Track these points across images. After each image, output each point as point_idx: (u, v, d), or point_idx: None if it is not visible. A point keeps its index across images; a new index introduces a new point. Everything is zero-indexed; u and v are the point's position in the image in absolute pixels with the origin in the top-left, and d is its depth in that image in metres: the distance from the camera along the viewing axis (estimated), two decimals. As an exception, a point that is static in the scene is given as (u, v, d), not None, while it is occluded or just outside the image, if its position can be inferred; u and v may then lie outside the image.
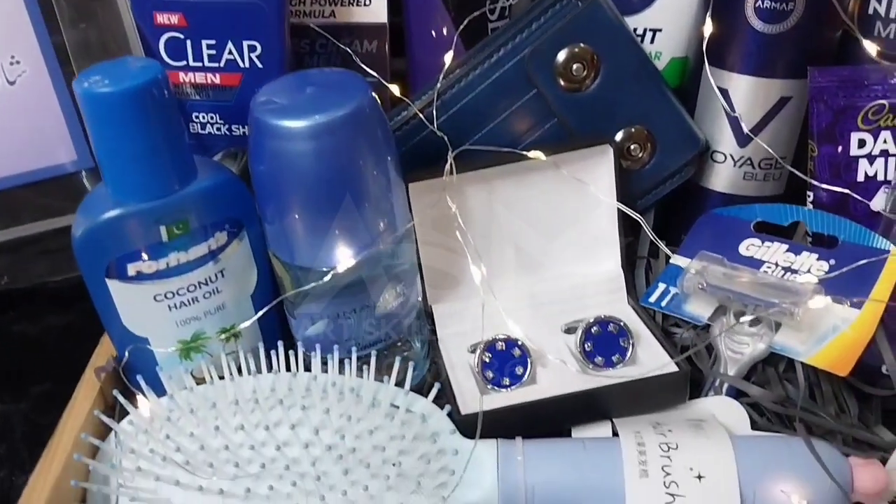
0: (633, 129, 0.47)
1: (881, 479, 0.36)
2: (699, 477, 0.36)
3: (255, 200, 0.40)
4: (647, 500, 0.36)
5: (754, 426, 0.42)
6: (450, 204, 0.41)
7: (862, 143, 0.46)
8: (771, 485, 0.36)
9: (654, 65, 0.47)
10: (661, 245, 0.43)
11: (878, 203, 0.45)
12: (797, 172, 0.46)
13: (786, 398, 0.42)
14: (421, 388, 0.44)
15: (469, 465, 0.38)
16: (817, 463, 0.36)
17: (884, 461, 0.39)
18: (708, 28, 0.45)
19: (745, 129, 0.47)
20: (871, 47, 0.45)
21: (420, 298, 0.46)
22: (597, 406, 0.41)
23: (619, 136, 0.47)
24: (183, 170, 0.39)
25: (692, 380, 0.44)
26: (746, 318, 0.42)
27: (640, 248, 0.50)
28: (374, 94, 0.38)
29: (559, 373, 0.43)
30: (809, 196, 0.47)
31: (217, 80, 0.45)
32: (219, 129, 0.46)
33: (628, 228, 0.49)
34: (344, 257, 0.39)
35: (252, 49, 0.44)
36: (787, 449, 0.37)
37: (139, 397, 0.39)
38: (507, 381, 0.43)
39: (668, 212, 0.51)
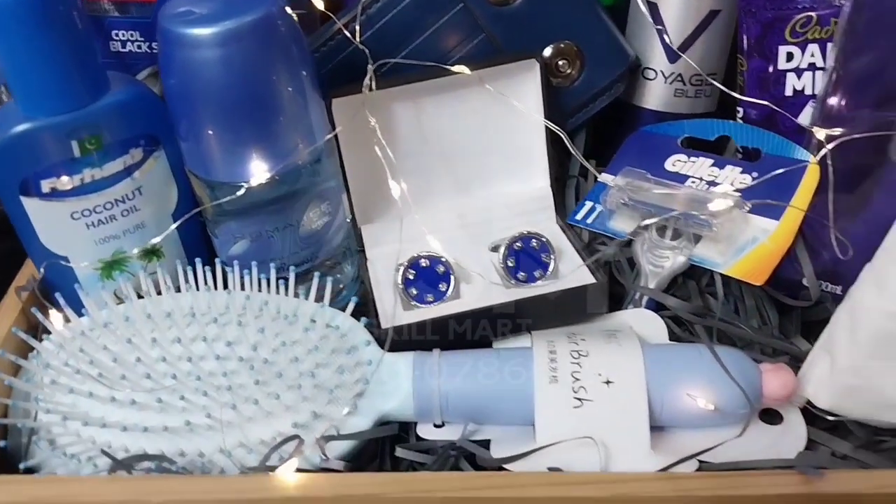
0: (562, 45, 0.47)
1: (789, 385, 0.38)
2: (607, 382, 0.37)
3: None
4: (556, 405, 0.37)
5: (675, 338, 0.43)
6: (369, 118, 0.41)
7: (790, 57, 0.46)
8: (679, 389, 0.37)
9: (584, -18, 0.47)
10: (585, 162, 0.43)
11: (805, 118, 0.45)
12: (721, 87, 0.46)
13: (705, 310, 0.43)
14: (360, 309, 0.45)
15: (386, 375, 0.39)
16: (731, 367, 0.37)
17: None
18: None
19: (674, 45, 0.47)
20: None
21: (348, 218, 0.46)
22: (517, 318, 0.42)
23: (547, 52, 0.47)
24: (94, 83, 0.39)
25: (616, 293, 0.45)
26: (658, 230, 0.43)
27: (572, 166, 0.50)
28: (284, 4, 0.38)
29: (483, 288, 0.43)
30: (739, 112, 0.47)
31: (134, -5, 0.44)
32: (139, 47, 0.46)
33: (560, 148, 0.50)
34: (259, 171, 0.39)
35: (169, -40, 0.43)
36: (697, 356, 0.38)
37: (52, 313, 0.39)
38: (430, 297, 0.43)
39: (601, 131, 0.52)
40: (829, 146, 0.39)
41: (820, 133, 0.39)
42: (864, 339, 0.37)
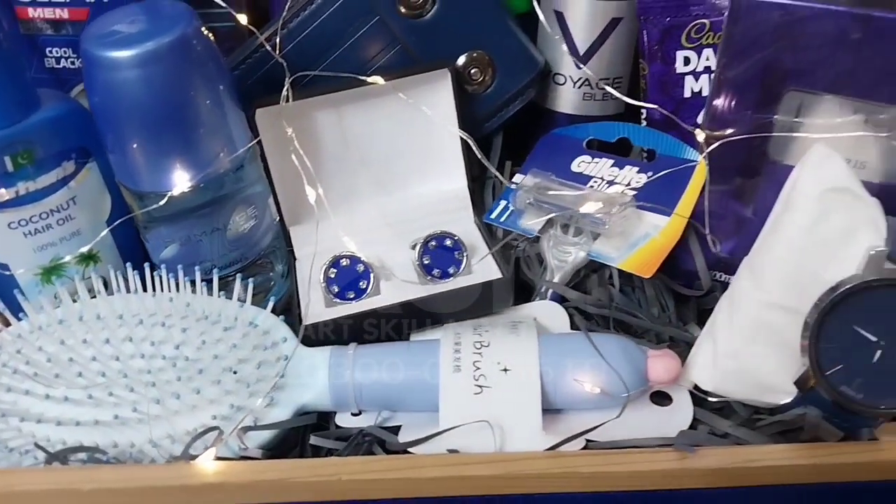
0: (474, 54, 0.50)
1: (672, 369, 0.41)
2: (505, 370, 0.40)
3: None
4: (458, 392, 0.40)
5: (577, 327, 0.46)
6: (286, 128, 0.44)
7: (687, 61, 0.49)
8: (571, 375, 0.41)
9: (494, -8, 0.50)
10: (489, 164, 0.46)
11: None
12: (614, 92, 0.49)
13: (605, 301, 0.46)
14: (284, 307, 0.48)
15: (305, 369, 0.42)
16: (615, 353, 0.41)
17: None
18: None
19: (580, 51, 0.50)
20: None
21: (276, 220, 0.49)
22: (430, 313, 0.45)
23: (461, 61, 0.50)
24: (25, 101, 0.42)
25: (526, 286, 0.48)
26: (562, 228, 0.46)
27: (493, 165, 0.53)
28: (199, 22, 0.41)
29: (400, 285, 0.46)
30: (643, 113, 0.51)
31: (65, 15, 0.47)
32: (73, 63, 0.48)
33: (484, 148, 0.53)
34: (182, 181, 0.42)
35: (96, -17, 0.46)
36: (587, 344, 0.41)
37: (-6, 318, 0.42)
38: (351, 294, 0.46)
39: (518, 133, 0.54)
40: (710, 148, 0.42)
41: (700, 135, 0.42)
42: (742, 327, 0.41)
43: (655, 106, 0.45)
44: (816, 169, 0.39)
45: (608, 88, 0.48)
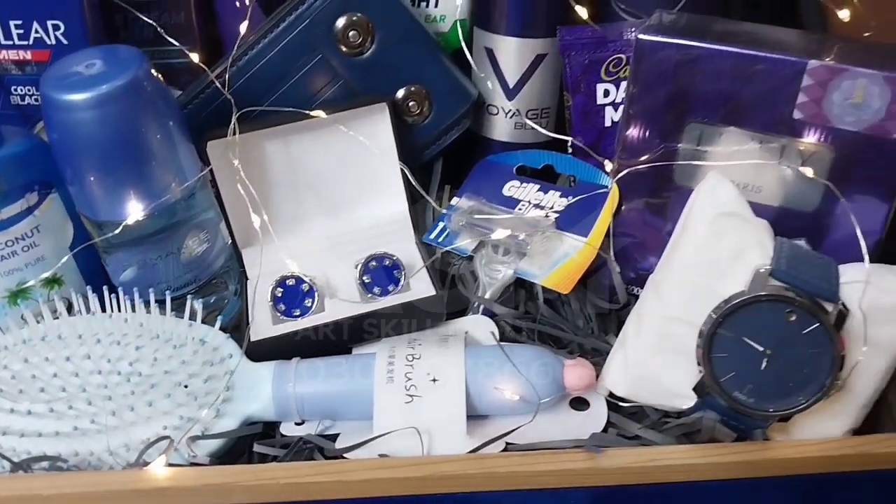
0: (412, 88, 0.54)
1: (586, 377, 0.45)
2: (434, 380, 0.44)
3: (58, 164, 0.47)
4: (390, 401, 0.44)
5: (509, 339, 0.50)
6: (232, 160, 0.48)
7: (606, 93, 0.53)
8: (491, 384, 0.44)
9: (424, 29, 0.53)
10: (423, 192, 0.50)
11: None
12: (537, 127, 0.54)
13: (531, 314, 0.50)
14: (236, 324, 0.52)
15: (251, 382, 0.45)
16: (532, 363, 0.44)
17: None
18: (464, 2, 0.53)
19: (509, 85, 0.54)
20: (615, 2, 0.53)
21: (228, 243, 0.53)
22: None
23: (399, 94, 0.54)
24: None
25: (460, 301, 0.52)
26: (493, 247, 0.50)
27: (430, 191, 0.57)
28: (149, 65, 0.44)
29: (343, 303, 0.50)
30: (570, 140, 0.54)
31: (29, 56, 0.51)
32: (36, 100, 0.52)
33: (426, 174, 0.57)
34: (135, 210, 0.45)
35: (56, 28, 0.50)
36: (511, 355, 0.45)
37: (-39, 338, 0.45)
38: (297, 311, 0.50)
39: (458, 158, 0.58)
40: (618, 176, 0.46)
41: (608, 166, 0.46)
42: (647, 338, 0.45)
43: (569, 138, 0.49)
44: (710, 195, 0.43)
45: (529, 122, 0.52)
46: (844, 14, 0.48)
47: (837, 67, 0.41)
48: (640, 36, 0.44)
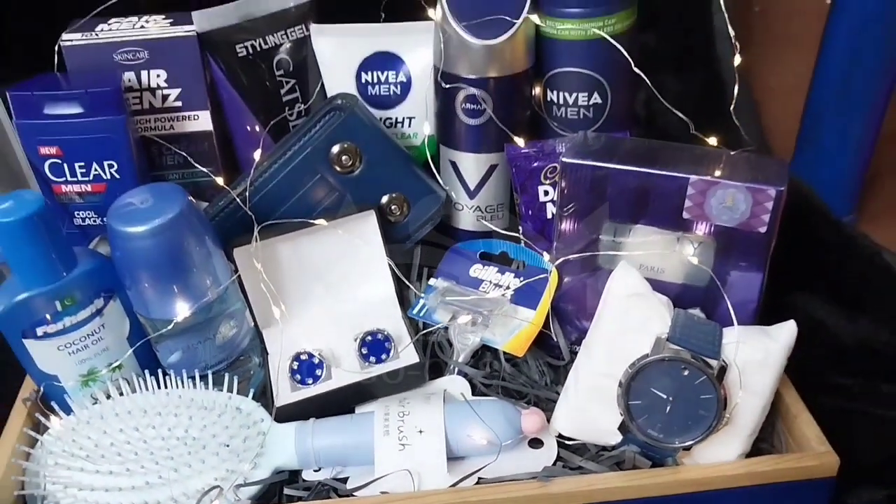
0: (393, 195, 0.66)
1: (538, 423, 0.56)
2: (420, 431, 0.56)
3: (119, 275, 0.58)
4: (387, 450, 0.55)
5: (480, 393, 0.62)
6: (255, 263, 0.60)
7: (546, 193, 0.65)
8: (465, 432, 0.56)
9: (402, 150, 0.66)
10: (404, 278, 0.62)
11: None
12: (490, 226, 0.67)
13: (496, 373, 0.62)
14: (261, 391, 0.63)
15: (278, 439, 0.57)
16: (496, 414, 0.56)
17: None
18: (430, 124, 0.66)
19: (470, 188, 0.67)
20: (551, 122, 0.66)
21: (252, 326, 0.64)
22: (369, 391, 0.60)
23: (384, 200, 0.66)
24: (67, 262, 0.56)
25: (439, 365, 0.64)
26: (463, 320, 0.62)
27: (412, 275, 0.69)
28: (190, 197, 0.56)
29: (347, 372, 0.62)
30: (520, 230, 0.67)
31: (89, 189, 0.63)
32: (94, 222, 0.64)
33: (408, 258, 0.69)
34: (181, 310, 0.57)
35: (111, 166, 0.62)
36: (478, 407, 0.57)
37: (53, 417, 0.57)
38: (310, 380, 0.61)
39: (434, 244, 0.70)
40: (555, 263, 0.59)
41: (546, 256, 0.58)
42: (582, 389, 0.57)
43: (518, 234, 0.62)
44: (621, 280, 0.55)
45: (483, 222, 0.65)
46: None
47: (712, 181, 0.54)
48: (563, 158, 0.57)
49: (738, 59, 0.63)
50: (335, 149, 0.64)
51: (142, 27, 0.65)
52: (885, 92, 0.88)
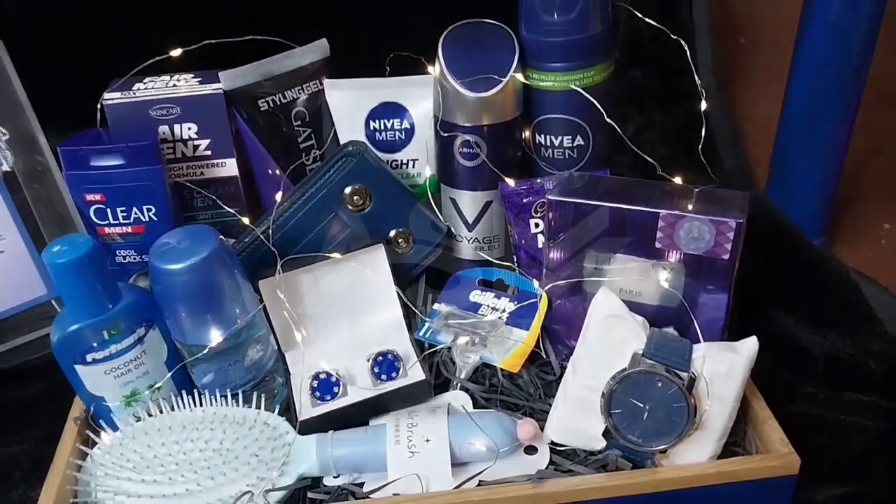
0: (399, 229, 0.72)
1: (531, 431, 0.61)
2: (427, 440, 0.61)
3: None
4: (398, 457, 0.61)
5: (478, 406, 0.68)
6: (280, 295, 0.66)
7: (537, 225, 0.71)
8: (467, 441, 0.62)
9: (408, 190, 0.72)
10: (411, 305, 0.69)
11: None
12: (486, 256, 0.73)
13: (495, 387, 0.68)
14: (285, 407, 0.70)
15: (301, 449, 0.63)
16: (494, 424, 0.62)
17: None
18: (432, 166, 0.73)
19: (469, 221, 0.74)
20: (540, 162, 0.72)
21: (276, 349, 0.71)
22: (381, 406, 0.66)
23: (391, 234, 0.72)
24: (112, 296, 0.62)
25: (444, 381, 0.70)
26: (464, 341, 0.68)
27: (417, 300, 0.75)
28: (221, 237, 0.63)
29: (361, 389, 0.68)
30: (514, 258, 0.73)
31: (129, 231, 0.69)
32: (135, 259, 0.70)
33: (414, 285, 0.75)
34: (215, 336, 0.63)
35: (149, 209, 0.68)
36: (479, 418, 0.63)
37: (101, 433, 0.63)
38: (329, 397, 0.67)
39: (437, 272, 0.77)
40: (545, 288, 0.65)
41: (536, 283, 0.65)
42: (570, 401, 0.62)
43: (511, 263, 0.68)
44: (601, 303, 0.62)
45: (481, 252, 0.72)
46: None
47: (680, 215, 0.60)
48: (549, 196, 0.63)
49: (703, 105, 0.69)
50: (348, 190, 0.70)
51: (174, 85, 0.72)
52: (847, 127, 0.95)
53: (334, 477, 0.63)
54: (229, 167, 0.74)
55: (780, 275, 0.86)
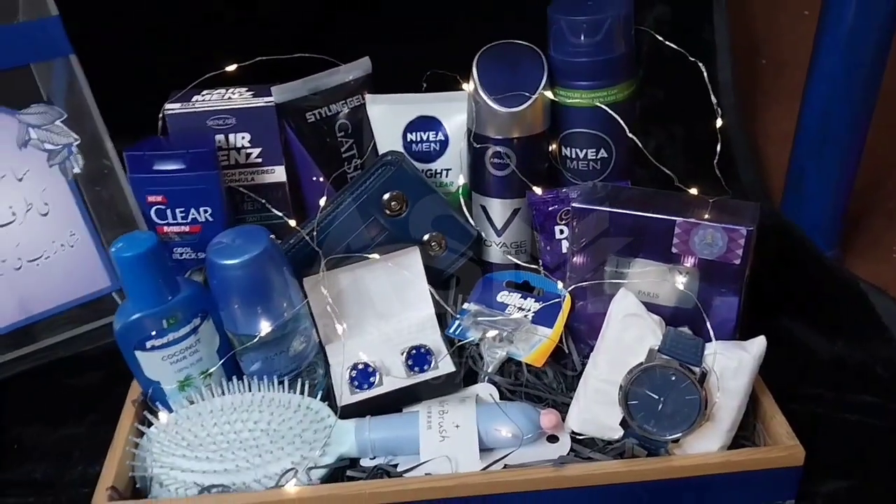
0: (433, 233, 0.77)
1: (553, 420, 0.65)
2: (457, 426, 0.66)
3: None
4: (430, 441, 0.65)
5: (504, 398, 0.72)
6: (323, 291, 0.71)
7: (562, 232, 0.75)
8: (494, 427, 0.66)
9: (441, 197, 0.77)
10: (443, 304, 0.73)
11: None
12: (514, 260, 0.77)
13: (519, 381, 0.72)
14: (325, 394, 0.74)
15: (341, 432, 0.67)
16: (519, 413, 0.66)
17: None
18: (464, 175, 0.77)
19: (498, 227, 0.78)
20: (565, 173, 0.77)
21: (318, 342, 0.75)
22: (413, 395, 0.70)
23: (425, 238, 0.77)
24: (171, 288, 0.67)
25: (472, 374, 0.74)
26: (492, 335, 0.72)
27: (449, 300, 0.79)
28: (272, 236, 0.67)
29: (395, 379, 0.72)
30: (540, 262, 0.77)
31: (187, 230, 0.74)
32: (191, 256, 0.75)
33: (446, 286, 0.80)
34: (264, 327, 0.68)
35: (206, 211, 0.73)
36: (505, 408, 0.67)
37: (158, 413, 0.68)
38: (366, 385, 0.72)
39: (469, 275, 0.81)
40: (568, 289, 0.69)
41: (559, 284, 0.69)
42: (590, 393, 0.66)
43: (537, 266, 0.73)
44: (620, 302, 0.65)
45: (509, 256, 0.76)
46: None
47: (694, 222, 0.64)
48: (573, 204, 0.67)
49: (720, 122, 0.73)
50: (386, 196, 0.75)
51: (229, 98, 0.77)
52: (859, 143, 0.98)
53: (371, 458, 0.67)
54: (278, 174, 0.79)
55: (792, 283, 0.90)
